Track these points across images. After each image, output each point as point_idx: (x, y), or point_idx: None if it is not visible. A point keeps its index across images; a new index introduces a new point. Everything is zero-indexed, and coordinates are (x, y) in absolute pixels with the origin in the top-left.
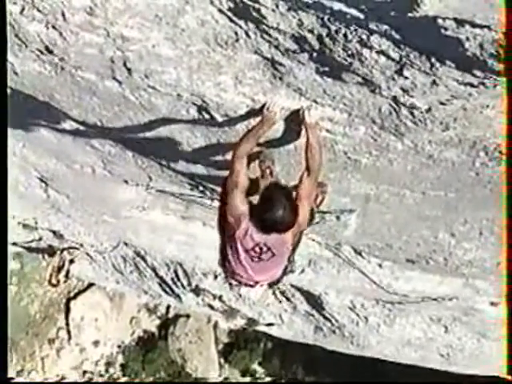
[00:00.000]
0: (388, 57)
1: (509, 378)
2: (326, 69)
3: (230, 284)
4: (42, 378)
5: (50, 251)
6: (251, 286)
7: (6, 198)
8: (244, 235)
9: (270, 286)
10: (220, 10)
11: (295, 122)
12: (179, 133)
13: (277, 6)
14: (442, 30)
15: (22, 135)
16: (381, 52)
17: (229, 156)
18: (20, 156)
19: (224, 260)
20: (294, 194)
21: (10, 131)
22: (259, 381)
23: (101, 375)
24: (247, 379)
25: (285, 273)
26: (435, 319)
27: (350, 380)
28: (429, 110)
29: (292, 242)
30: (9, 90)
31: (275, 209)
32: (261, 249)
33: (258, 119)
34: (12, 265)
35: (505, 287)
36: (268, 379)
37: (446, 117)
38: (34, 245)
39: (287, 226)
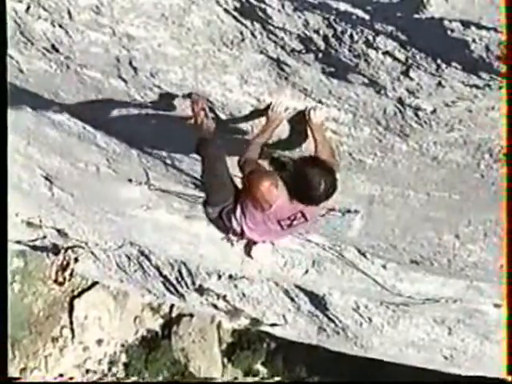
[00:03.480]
0: (394, 58)
1: (509, 378)
2: (332, 69)
3: (228, 239)
4: (45, 377)
5: (55, 250)
6: (254, 242)
7: (6, 194)
8: (281, 209)
9: (272, 244)
10: (226, 10)
11: (301, 122)
12: (184, 132)
13: (283, 7)
14: (449, 32)
15: (27, 133)
16: (387, 53)
17: (234, 157)
18: (24, 154)
19: (235, 218)
20: None
21: (14, 129)
22: (263, 381)
23: (104, 374)
24: (250, 379)
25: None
26: (439, 321)
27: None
28: (434, 111)
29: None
30: (14, 88)
31: (315, 184)
32: (295, 217)
33: (264, 119)
34: (16, 263)
35: (506, 287)
36: (271, 380)
37: (451, 118)
38: (38, 243)
39: (329, 197)
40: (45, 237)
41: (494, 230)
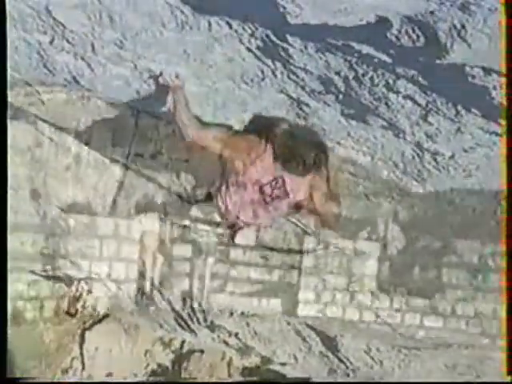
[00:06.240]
0: (414, 102)
1: (508, 378)
2: (351, 111)
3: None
4: None
5: (68, 281)
6: (240, 228)
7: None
8: (262, 168)
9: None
10: (248, 48)
11: None
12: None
13: (305, 47)
14: (470, 78)
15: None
16: (407, 97)
17: None
18: (41, 184)
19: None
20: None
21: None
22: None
23: None
24: None
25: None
26: (450, 366)
27: None
28: (452, 156)
29: (305, 197)
30: (33, 119)
31: (303, 151)
32: (276, 183)
33: None
34: (28, 293)
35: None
36: None
37: (468, 164)
38: (51, 273)
39: (311, 170)
40: (58, 267)
41: None
